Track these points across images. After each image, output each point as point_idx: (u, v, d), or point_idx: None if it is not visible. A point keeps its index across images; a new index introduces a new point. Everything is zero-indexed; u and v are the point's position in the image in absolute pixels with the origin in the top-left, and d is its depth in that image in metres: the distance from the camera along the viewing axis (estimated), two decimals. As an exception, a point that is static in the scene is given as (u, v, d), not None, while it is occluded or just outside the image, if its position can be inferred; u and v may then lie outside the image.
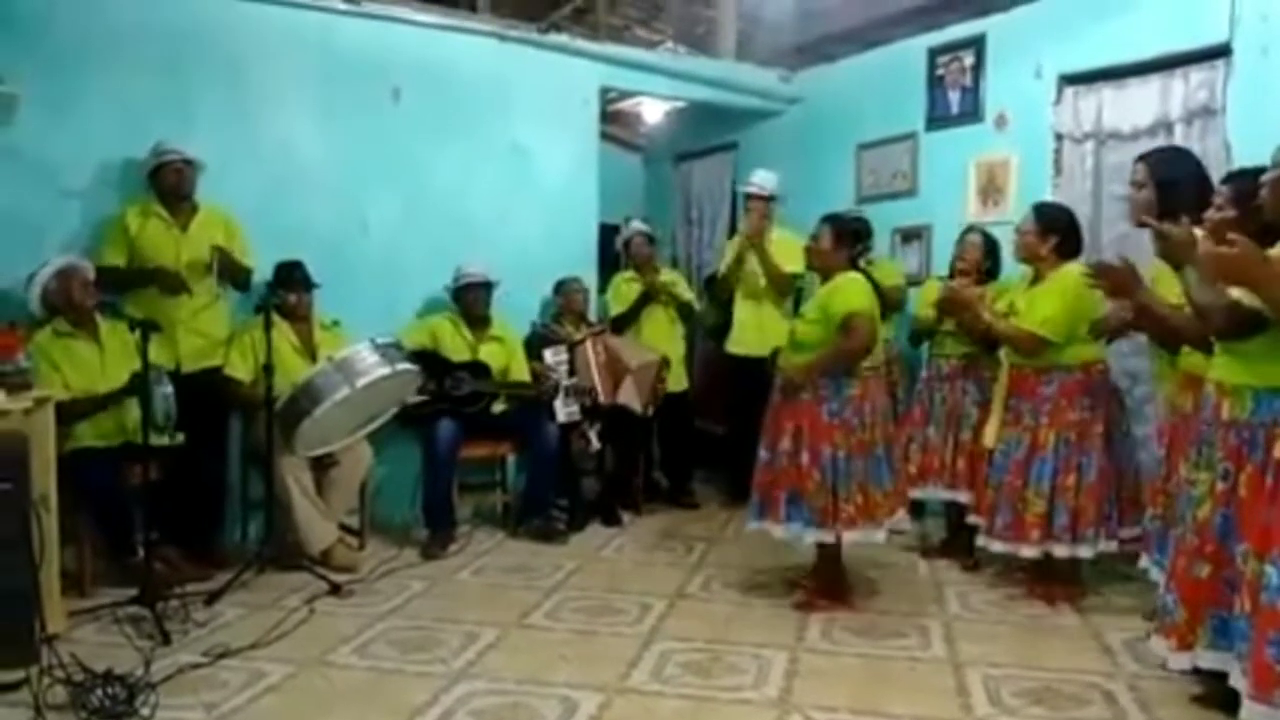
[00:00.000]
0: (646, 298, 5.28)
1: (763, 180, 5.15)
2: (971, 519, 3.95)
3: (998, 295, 4.01)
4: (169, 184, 4.06)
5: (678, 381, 5.37)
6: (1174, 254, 2.60)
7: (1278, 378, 2.29)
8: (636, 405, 5.03)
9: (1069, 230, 3.65)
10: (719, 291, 5.51)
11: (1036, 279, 3.68)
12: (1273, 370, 2.29)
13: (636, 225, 5.59)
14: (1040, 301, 3.56)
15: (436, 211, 5.02)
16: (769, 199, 5.11)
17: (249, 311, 4.20)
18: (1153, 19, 4.25)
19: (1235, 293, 2.28)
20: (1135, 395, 4.16)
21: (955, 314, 4.03)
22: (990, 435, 3.77)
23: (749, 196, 5.17)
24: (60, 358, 3.68)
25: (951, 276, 4.27)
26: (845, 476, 3.41)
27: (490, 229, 5.12)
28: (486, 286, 4.77)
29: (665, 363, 5.12)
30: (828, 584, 3.62)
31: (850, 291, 3.49)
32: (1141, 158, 3.21)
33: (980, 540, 3.78)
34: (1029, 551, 3.58)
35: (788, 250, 4.87)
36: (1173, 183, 3.04)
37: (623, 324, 5.30)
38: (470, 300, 4.75)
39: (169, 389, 3.62)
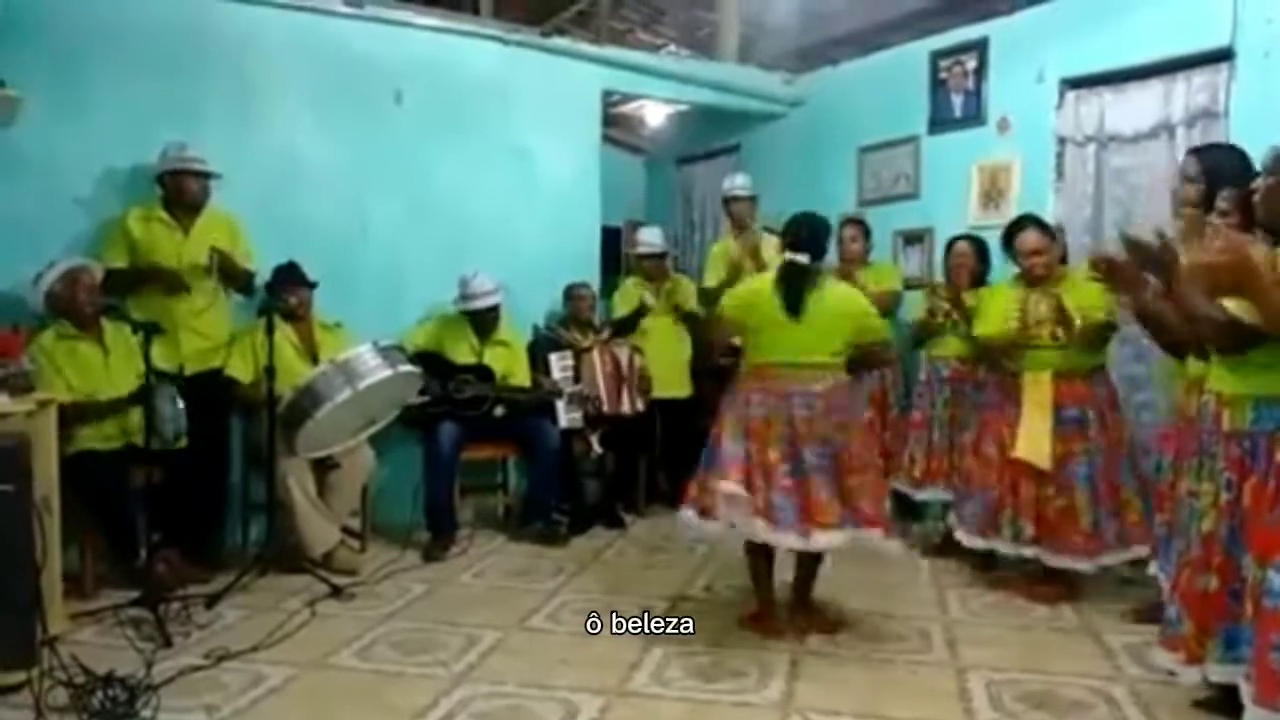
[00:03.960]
0: (644, 309, 5.25)
1: (743, 181, 5.26)
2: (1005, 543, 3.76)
3: (990, 300, 3.98)
4: (188, 191, 4.05)
5: (681, 386, 5.36)
6: (1156, 266, 2.54)
7: (1277, 386, 2.28)
8: (629, 408, 5.05)
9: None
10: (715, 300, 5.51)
11: (1033, 283, 3.69)
12: (1272, 379, 2.28)
13: (646, 237, 5.45)
14: (1091, 294, 3.45)
15: (439, 215, 5.03)
16: (751, 199, 5.19)
17: (251, 314, 4.20)
18: (1155, 23, 4.25)
19: (1232, 306, 2.26)
20: (1133, 401, 4.16)
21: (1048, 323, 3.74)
22: (1036, 451, 3.55)
23: (736, 200, 5.22)
24: (64, 360, 3.68)
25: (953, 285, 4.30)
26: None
27: (493, 232, 5.12)
28: (496, 308, 4.75)
29: (636, 350, 5.12)
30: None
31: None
32: (1194, 151, 3.18)
33: (1082, 565, 3.56)
34: (1142, 550, 3.51)
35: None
36: (1224, 178, 2.98)
37: (622, 328, 5.29)
38: (478, 321, 4.74)
39: (180, 406, 3.63)
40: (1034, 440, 3.57)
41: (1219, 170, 3.00)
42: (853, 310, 3.35)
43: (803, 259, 3.30)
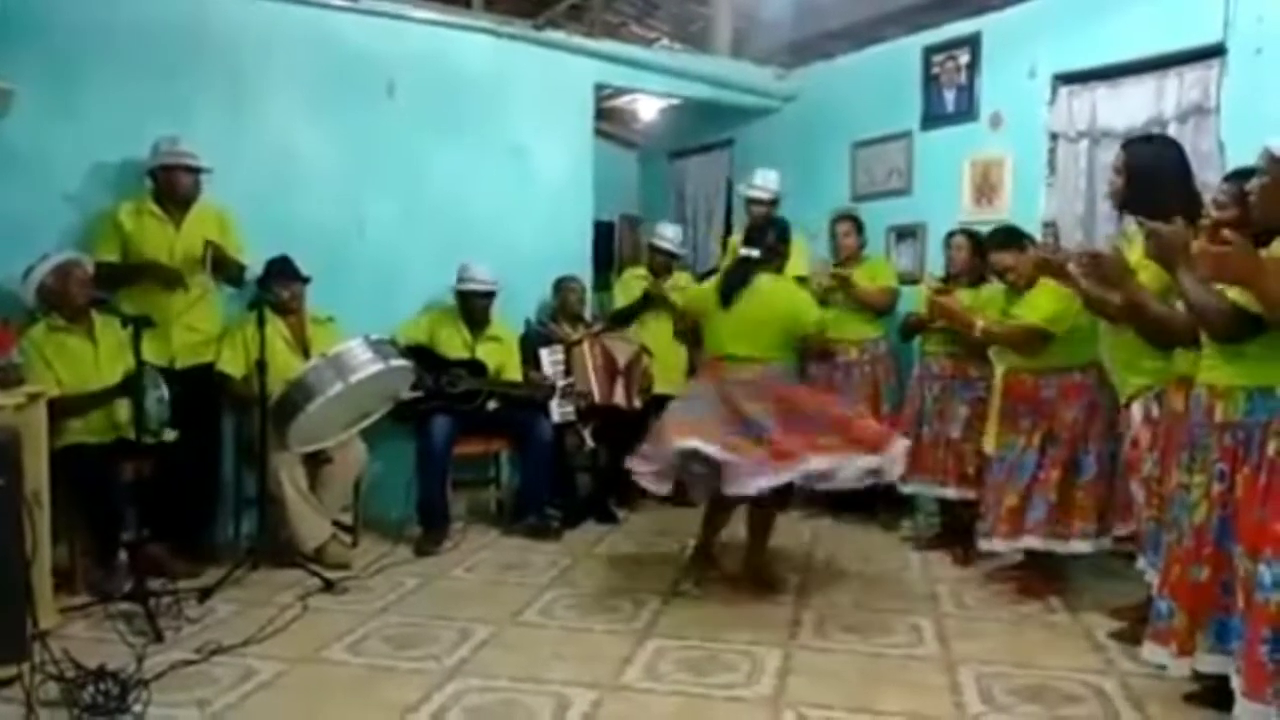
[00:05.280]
0: (647, 300, 5.25)
1: (765, 182, 5.14)
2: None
3: (985, 302, 4.02)
4: (180, 186, 4.03)
5: (678, 384, 5.33)
6: (1166, 254, 2.59)
7: (1271, 377, 2.29)
8: (624, 402, 5.04)
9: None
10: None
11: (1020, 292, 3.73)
12: (1266, 370, 2.29)
13: (666, 233, 5.44)
14: (1038, 298, 3.60)
15: (432, 208, 5.01)
16: (772, 203, 5.09)
17: (243, 308, 4.19)
18: (1147, 19, 4.26)
19: (1235, 295, 2.27)
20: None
21: (947, 321, 4.07)
22: (989, 440, 3.79)
23: (753, 201, 5.12)
24: (53, 354, 3.66)
25: (946, 281, 4.31)
26: None
27: (486, 225, 5.10)
28: (491, 295, 4.76)
29: (644, 350, 5.11)
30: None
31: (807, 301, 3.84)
32: (1124, 144, 3.22)
33: (982, 543, 3.74)
34: (1000, 546, 3.64)
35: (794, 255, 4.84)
36: (1146, 174, 2.99)
37: (621, 320, 5.28)
38: (473, 306, 4.74)
39: (164, 393, 3.61)
40: (990, 432, 3.82)
41: (1145, 167, 3.01)
42: (779, 308, 3.68)
43: (753, 253, 3.71)
